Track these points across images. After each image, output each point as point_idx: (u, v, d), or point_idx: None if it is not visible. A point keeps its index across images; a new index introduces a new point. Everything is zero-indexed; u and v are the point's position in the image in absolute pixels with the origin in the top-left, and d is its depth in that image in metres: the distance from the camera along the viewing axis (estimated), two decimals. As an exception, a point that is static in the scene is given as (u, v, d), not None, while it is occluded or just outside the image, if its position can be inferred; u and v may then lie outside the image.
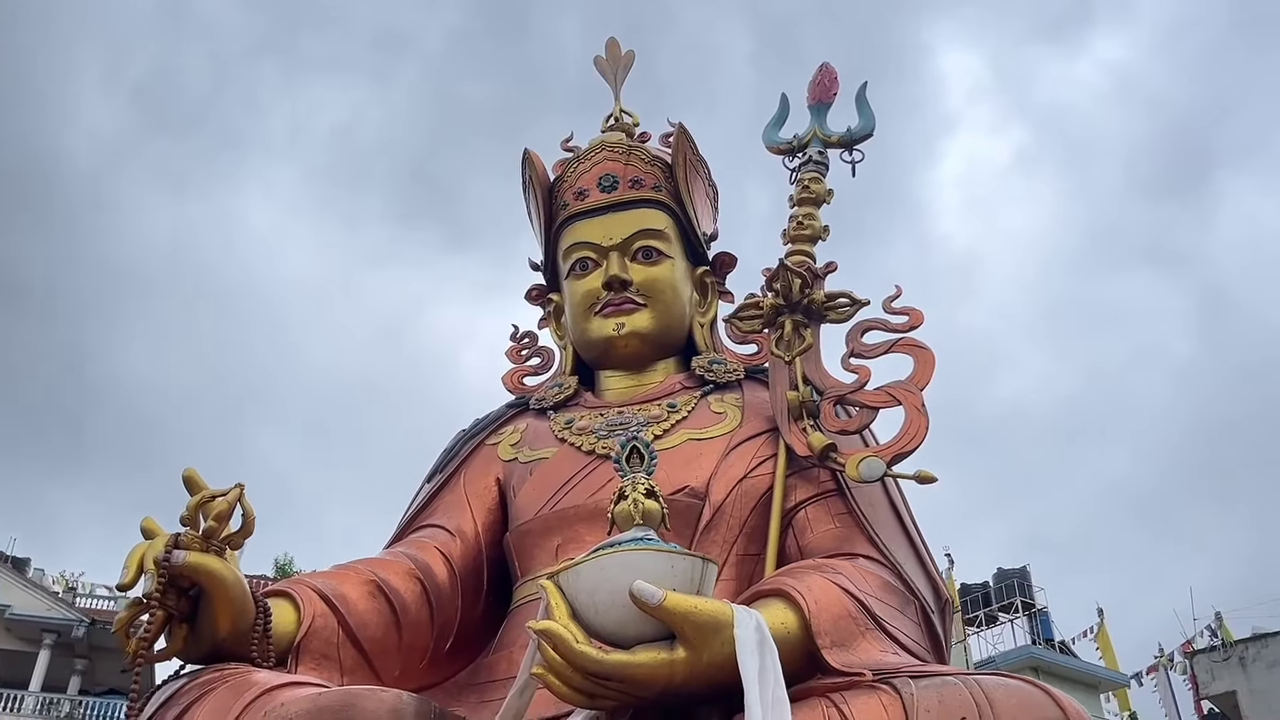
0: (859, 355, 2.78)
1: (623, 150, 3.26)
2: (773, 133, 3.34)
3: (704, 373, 3.09)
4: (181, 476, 2.23)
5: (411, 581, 2.56)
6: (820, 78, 3.38)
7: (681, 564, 1.97)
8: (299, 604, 2.30)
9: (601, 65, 3.68)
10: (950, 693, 1.82)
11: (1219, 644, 22.19)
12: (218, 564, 2.07)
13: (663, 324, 3.13)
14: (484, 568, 2.82)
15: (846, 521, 2.59)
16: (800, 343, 2.84)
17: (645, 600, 1.82)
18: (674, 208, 3.24)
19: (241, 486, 2.22)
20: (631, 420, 2.87)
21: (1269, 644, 20.98)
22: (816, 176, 3.15)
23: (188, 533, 2.14)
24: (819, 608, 2.07)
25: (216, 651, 2.10)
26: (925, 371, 2.66)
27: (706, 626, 1.84)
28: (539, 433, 3.01)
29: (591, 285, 3.13)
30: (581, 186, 3.23)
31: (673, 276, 3.17)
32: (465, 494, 2.93)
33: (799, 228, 3.02)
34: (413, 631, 2.52)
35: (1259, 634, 21.87)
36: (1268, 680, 20.38)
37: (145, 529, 2.17)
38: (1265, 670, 20.68)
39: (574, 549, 2.63)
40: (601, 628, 1.92)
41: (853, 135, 3.21)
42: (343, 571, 2.51)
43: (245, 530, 2.20)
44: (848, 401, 2.72)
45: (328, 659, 2.28)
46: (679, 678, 1.86)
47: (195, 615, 2.11)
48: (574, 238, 3.20)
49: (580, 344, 3.22)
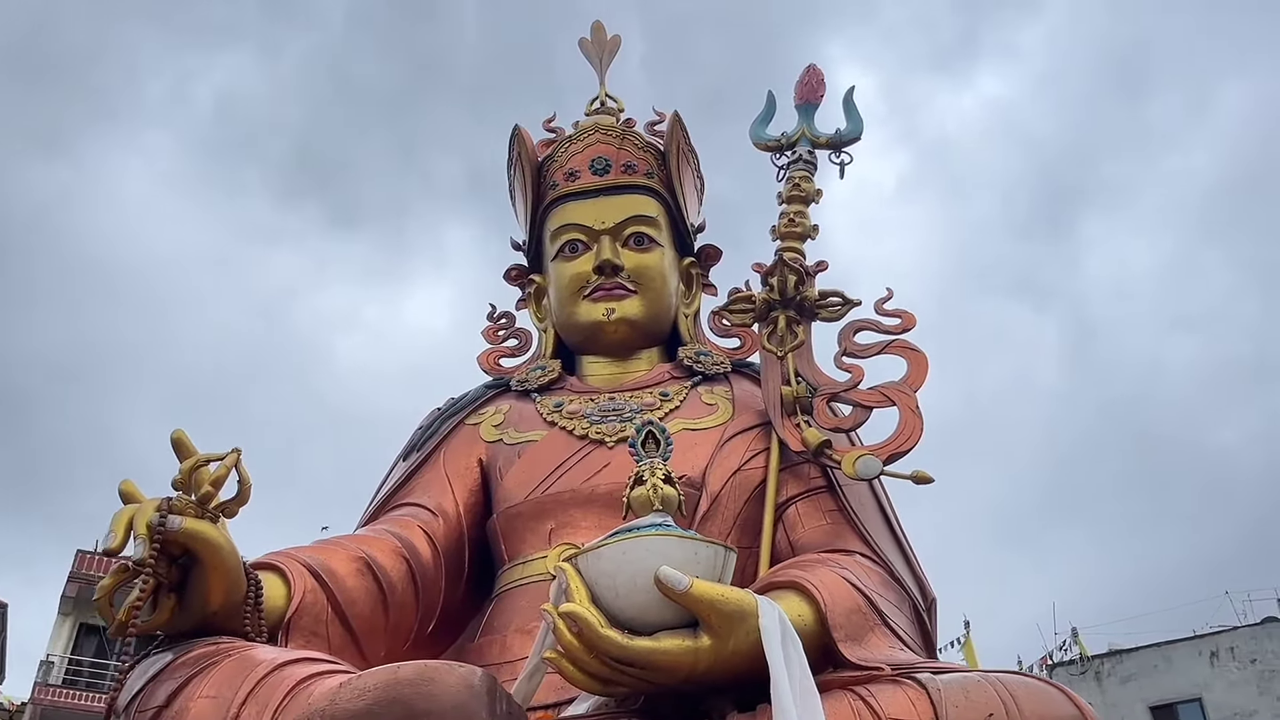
0: (852, 354, 2.79)
1: (616, 134, 3.23)
2: (760, 129, 3.34)
3: (692, 363, 3.07)
4: (170, 439, 2.10)
5: (398, 560, 2.47)
6: (807, 79, 3.39)
7: (704, 551, 1.94)
8: (289, 578, 2.19)
9: (586, 48, 3.64)
10: (976, 689, 1.83)
11: (1076, 658, 23.24)
12: (214, 532, 1.96)
13: (652, 312, 3.10)
14: (466, 549, 2.75)
15: (837, 518, 2.60)
16: (793, 339, 2.85)
17: (672, 586, 1.79)
18: (665, 196, 3.22)
19: (238, 451, 2.10)
20: (624, 406, 2.84)
21: (1123, 660, 22.09)
22: (806, 175, 3.17)
23: (180, 497, 2.02)
24: (833, 601, 2.07)
25: (206, 624, 1.98)
26: (919, 373, 2.69)
27: (733, 615, 1.82)
28: (524, 415, 2.95)
29: (582, 268, 3.08)
30: (573, 167, 3.18)
31: (662, 265, 3.15)
32: (445, 473, 2.84)
33: (790, 224, 3.03)
34: (399, 611, 2.43)
35: (1114, 650, 22.99)
36: (1121, 694, 21.45)
37: (124, 492, 2.03)
38: (1119, 685, 21.77)
39: (568, 533, 2.59)
40: (620, 612, 1.88)
41: (842, 137, 3.23)
42: (329, 547, 2.40)
43: (241, 498, 2.09)
44: (841, 399, 2.73)
45: (317, 636, 2.17)
46: (702, 666, 1.83)
47: (183, 586, 1.99)
48: (564, 219, 3.14)
49: (565, 327, 3.17)
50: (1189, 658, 21.66)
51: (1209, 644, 21.84)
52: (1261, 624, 22.26)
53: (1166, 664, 21.53)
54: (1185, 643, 22.15)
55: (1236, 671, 20.91)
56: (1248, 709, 20.54)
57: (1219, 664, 21.25)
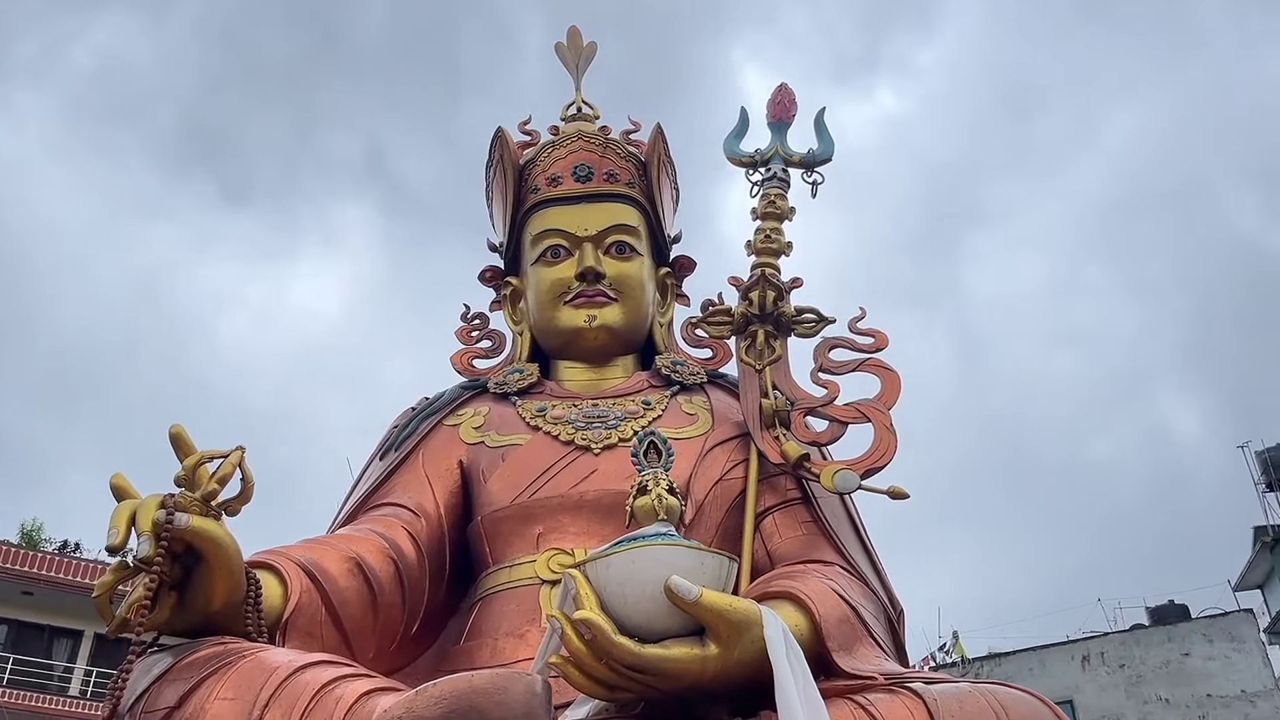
0: (827, 371, 2.87)
1: (599, 142, 3.26)
2: (734, 144, 3.40)
3: (669, 372, 3.12)
4: (169, 434, 2.06)
5: (386, 561, 2.46)
6: (780, 97, 3.47)
7: (711, 561, 2.00)
8: (285, 578, 2.16)
9: (562, 52, 3.65)
10: (969, 700, 1.92)
11: (957, 660, 24.08)
12: (220, 530, 1.93)
13: (631, 320, 3.14)
14: (447, 550, 2.74)
15: (812, 529, 2.68)
16: (770, 353, 2.92)
17: (682, 596, 1.84)
18: (645, 206, 3.26)
19: (243, 449, 2.07)
20: (608, 413, 2.87)
21: (1001, 662, 22.93)
22: (782, 193, 3.24)
23: (183, 494, 1.98)
24: (826, 612, 2.15)
25: (206, 624, 1.95)
26: (892, 392, 2.78)
27: (739, 625, 1.88)
28: (505, 418, 2.95)
29: (563, 274, 3.10)
30: (555, 173, 3.20)
31: (642, 274, 3.19)
32: (425, 474, 2.83)
33: (766, 240, 3.09)
34: (387, 612, 2.42)
35: (993, 653, 23.90)
36: (999, 696, 22.23)
37: (116, 486, 1.99)
38: (997, 686, 22.56)
39: (556, 538, 2.61)
40: (627, 620, 1.91)
41: (815, 157, 3.31)
42: (320, 546, 2.37)
43: (244, 496, 2.06)
44: (818, 414, 2.81)
45: (312, 637, 2.15)
46: (709, 674, 1.88)
47: (183, 584, 1.95)
48: (546, 224, 3.16)
49: (544, 332, 3.18)
50: (1062, 661, 22.65)
51: (1081, 649, 22.89)
52: (1130, 630, 23.45)
53: (1041, 667, 22.45)
54: (1059, 647, 23.19)
55: (1106, 675, 21.96)
56: (1116, 711, 21.60)
57: (1090, 668, 22.29)
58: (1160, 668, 21.83)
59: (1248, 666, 21.37)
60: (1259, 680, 21.14)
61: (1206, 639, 22.01)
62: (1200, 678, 21.41)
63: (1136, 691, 21.55)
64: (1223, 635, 21.96)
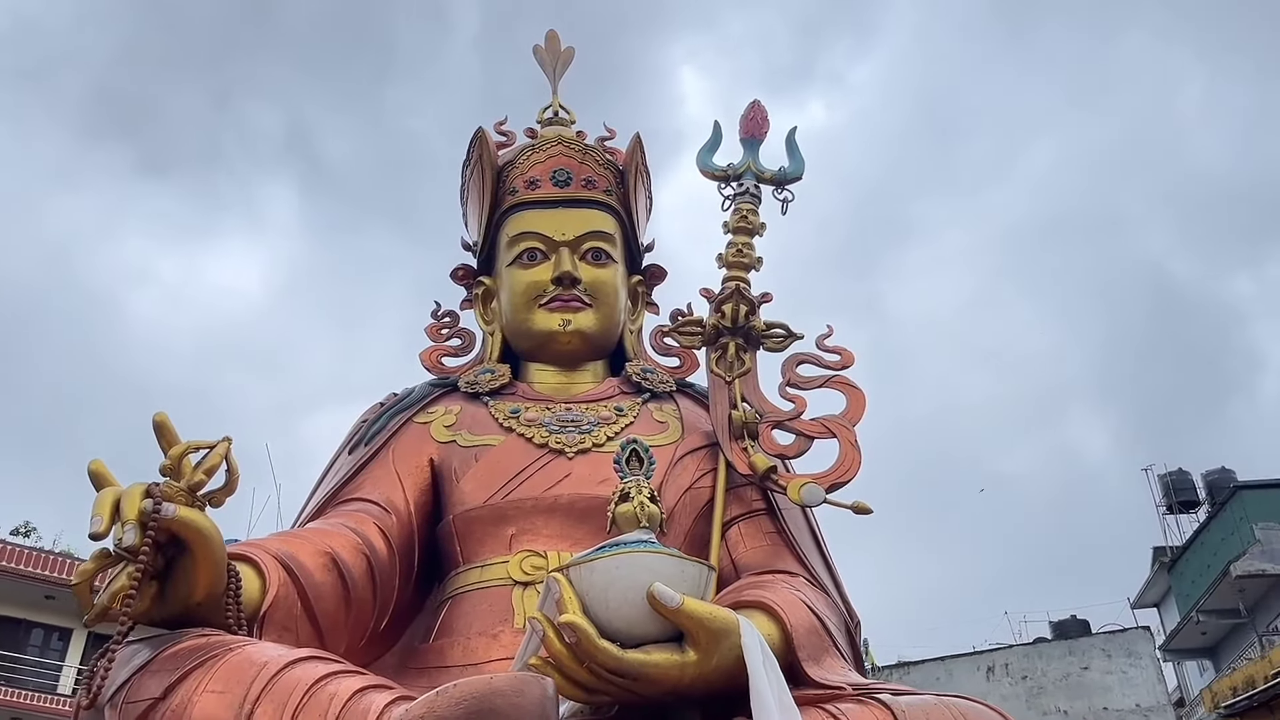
0: (794, 385, 2.94)
1: (578, 148, 3.29)
2: (707, 157, 3.44)
3: (640, 380, 3.15)
4: (153, 421, 2.05)
5: (359, 556, 2.46)
6: (752, 114, 3.52)
7: (690, 569, 2.05)
8: (263, 571, 2.15)
9: (540, 56, 3.68)
10: (935, 710, 2.00)
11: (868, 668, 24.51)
12: (206, 522, 1.92)
13: (604, 326, 3.17)
14: (416, 548, 2.74)
15: (776, 540, 2.75)
16: (740, 366, 2.98)
17: (664, 603, 1.88)
18: (620, 213, 3.30)
19: (229, 440, 2.07)
20: (581, 418, 2.89)
21: (910, 671, 23.38)
22: (754, 209, 3.30)
23: (168, 483, 1.97)
24: (797, 622, 2.21)
25: (186, 616, 1.94)
26: (857, 409, 2.86)
27: (719, 633, 1.92)
28: (477, 418, 2.96)
29: (539, 277, 3.12)
30: (533, 176, 3.22)
31: (616, 281, 3.23)
32: (396, 470, 2.83)
33: (738, 255, 3.14)
34: (359, 609, 2.42)
35: (902, 662, 24.38)
36: (906, 703, 22.70)
37: (95, 473, 1.97)
38: (905, 694, 23.03)
39: (529, 540, 2.63)
40: (608, 624, 1.95)
41: (785, 175, 3.38)
42: (294, 540, 2.36)
43: (229, 488, 2.06)
44: (785, 428, 2.88)
45: (288, 631, 2.15)
46: (687, 679, 1.92)
47: (164, 575, 1.94)
48: (523, 226, 3.18)
49: (516, 334, 3.20)
50: (968, 672, 23.21)
51: (986, 660, 23.50)
52: (1033, 643, 24.14)
53: (948, 676, 22.96)
54: (965, 658, 23.79)
55: (1009, 686, 22.55)
56: (1016, 721, 22.17)
57: (994, 678, 22.87)
58: (1060, 680, 22.50)
59: (1143, 682, 22.15)
60: (1153, 695, 21.93)
61: (1105, 654, 22.75)
62: (1098, 691, 22.13)
63: (1037, 702, 22.18)
64: (1121, 651, 22.72)
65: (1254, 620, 24.11)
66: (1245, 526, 24.37)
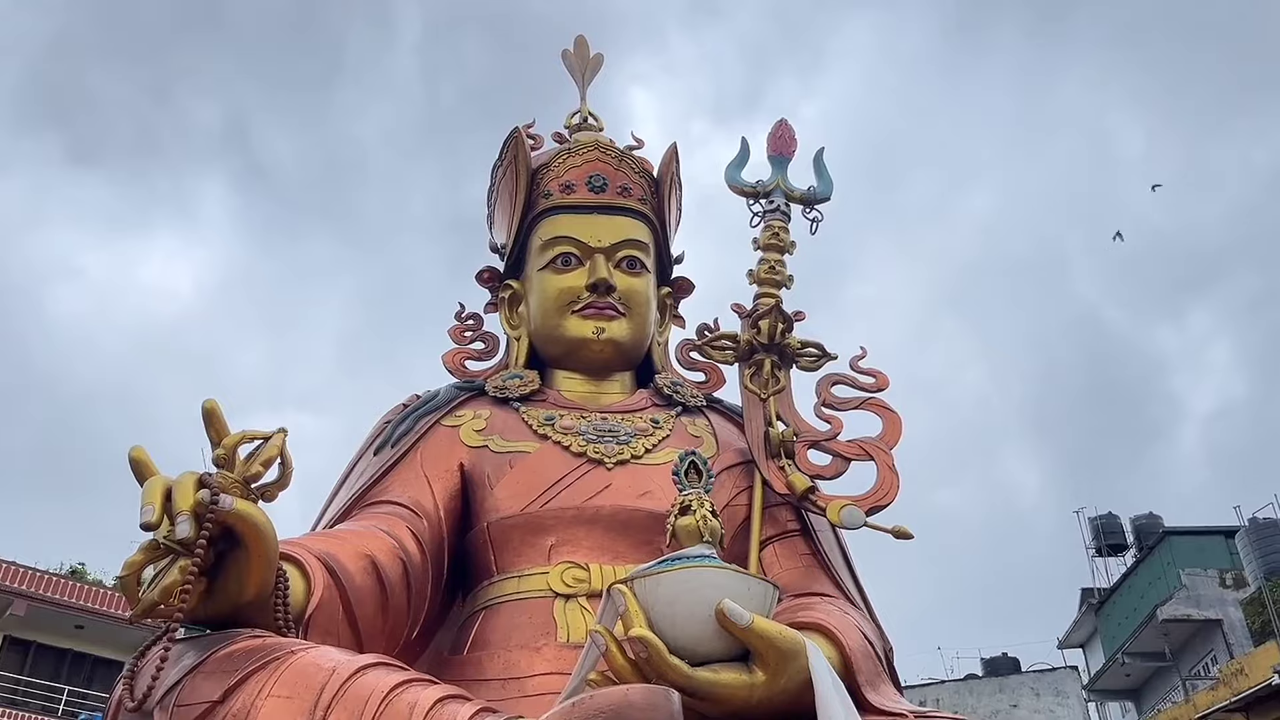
0: (830, 406, 2.91)
1: (615, 155, 3.24)
2: (735, 173, 3.42)
3: (670, 393, 3.09)
4: (202, 409, 1.93)
5: (396, 561, 2.35)
6: (780, 132, 3.51)
7: (757, 586, 1.99)
8: (308, 572, 2.04)
9: (569, 61, 3.64)
10: None
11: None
12: (263, 516, 1.81)
13: (636, 337, 3.11)
14: (445, 554, 2.64)
15: (811, 562, 2.70)
16: (776, 383, 2.94)
17: (734, 621, 1.82)
18: (654, 223, 3.25)
19: (285, 431, 1.96)
20: (619, 429, 2.82)
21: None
22: (785, 226, 3.28)
23: (222, 474, 1.86)
24: (853, 644, 2.16)
25: (233, 615, 1.83)
26: (893, 432, 2.83)
27: (788, 654, 1.87)
28: (509, 424, 2.87)
29: (573, 283, 3.05)
30: (569, 180, 3.16)
31: (649, 291, 3.17)
32: (425, 473, 2.72)
33: (770, 272, 3.11)
34: (395, 615, 2.32)
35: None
36: None
37: (137, 460, 1.84)
38: None
39: (569, 551, 2.56)
40: (673, 640, 1.88)
41: (815, 195, 3.36)
42: (333, 541, 2.24)
43: (283, 482, 1.94)
44: (821, 448, 2.84)
45: (330, 635, 2.03)
46: (755, 700, 1.86)
47: (214, 571, 1.82)
48: (558, 230, 3.11)
49: (546, 339, 3.12)
50: (900, 706, 23.41)
51: (918, 695, 23.64)
52: (964, 680, 24.46)
53: (880, 711, 23.15)
54: (898, 692, 23.97)
55: (941, 722, 22.80)
56: (947, 757, 22.40)
57: (926, 714, 23.10)
58: (990, 717, 22.79)
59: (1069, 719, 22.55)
60: (1079, 734, 22.34)
61: (1034, 692, 23.15)
62: (1027, 729, 22.48)
63: (968, 739, 22.46)
64: (1049, 689, 23.15)
65: (1178, 664, 24.65)
66: (1173, 572, 24.94)
